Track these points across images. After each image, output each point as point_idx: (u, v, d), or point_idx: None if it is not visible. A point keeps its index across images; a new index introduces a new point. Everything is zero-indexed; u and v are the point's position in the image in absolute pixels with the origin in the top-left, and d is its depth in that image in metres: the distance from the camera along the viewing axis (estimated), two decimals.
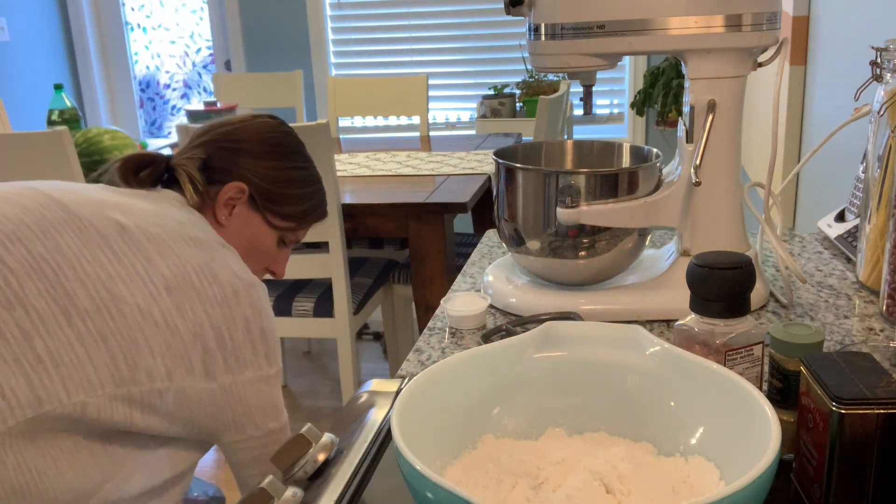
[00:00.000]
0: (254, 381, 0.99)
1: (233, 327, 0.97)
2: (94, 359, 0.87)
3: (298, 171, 1.19)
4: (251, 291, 1.00)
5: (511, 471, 0.57)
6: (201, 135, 1.16)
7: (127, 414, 0.90)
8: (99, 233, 0.93)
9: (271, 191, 1.14)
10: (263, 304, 1.02)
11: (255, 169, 1.13)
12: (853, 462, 0.54)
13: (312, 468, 0.65)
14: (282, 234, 1.19)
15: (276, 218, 1.16)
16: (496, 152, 1.03)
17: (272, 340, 1.02)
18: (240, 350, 0.98)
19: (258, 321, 1.00)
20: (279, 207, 1.16)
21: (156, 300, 0.92)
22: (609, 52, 0.93)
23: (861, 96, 1.03)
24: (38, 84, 3.96)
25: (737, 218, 0.99)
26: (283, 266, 1.26)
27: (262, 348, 1.00)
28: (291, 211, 1.18)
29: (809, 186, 1.92)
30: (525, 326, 0.95)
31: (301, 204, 1.19)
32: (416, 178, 2.42)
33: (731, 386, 0.57)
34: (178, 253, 0.96)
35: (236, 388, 0.98)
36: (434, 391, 0.60)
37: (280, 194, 1.15)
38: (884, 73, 0.94)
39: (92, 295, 0.89)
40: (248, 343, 0.98)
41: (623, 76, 3.80)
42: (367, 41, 3.96)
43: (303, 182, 1.19)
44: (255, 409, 1.00)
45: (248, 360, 0.98)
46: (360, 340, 3.34)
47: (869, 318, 0.95)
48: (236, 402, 0.98)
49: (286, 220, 1.18)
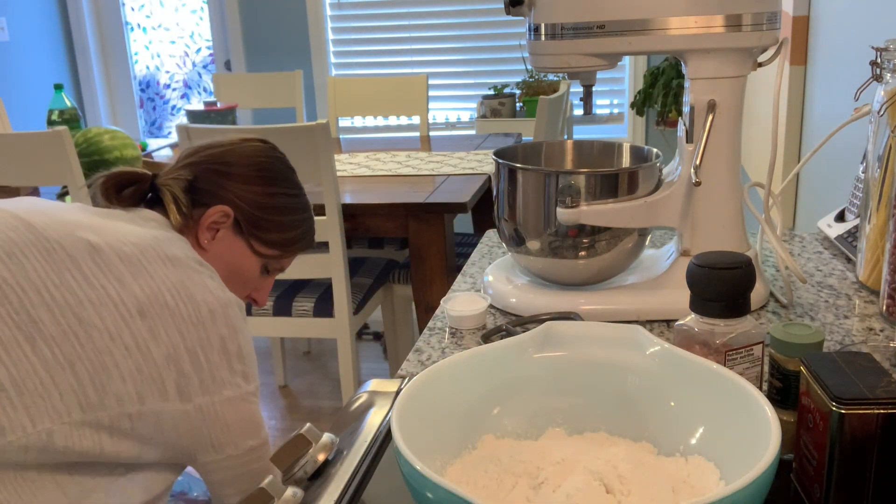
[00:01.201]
0: (231, 401, 0.97)
1: (208, 348, 0.95)
2: (59, 385, 0.85)
3: (287, 197, 1.16)
4: (227, 310, 0.98)
5: (511, 471, 0.57)
6: (189, 155, 1.13)
7: (95, 440, 0.88)
8: (68, 254, 0.91)
9: (257, 217, 1.12)
10: (240, 322, 1.00)
11: (241, 193, 1.10)
12: (853, 462, 0.54)
13: (312, 468, 0.65)
14: (266, 262, 1.17)
15: (260, 245, 1.14)
16: (496, 152, 1.03)
17: (249, 358, 1.00)
18: (216, 370, 0.96)
19: (234, 340, 0.98)
20: (265, 234, 1.13)
21: (127, 324, 0.90)
22: (609, 52, 0.93)
23: (861, 96, 1.03)
24: (38, 84, 3.96)
25: (737, 218, 0.99)
26: (266, 295, 1.23)
27: (239, 367, 0.98)
28: (277, 238, 1.15)
29: (809, 186, 1.92)
30: (525, 326, 0.95)
31: (287, 231, 1.16)
32: (416, 178, 2.42)
33: (731, 386, 0.57)
34: (151, 273, 0.94)
35: (213, 408, 0.96)
36: (434, 391, 0.60)
37: (266, 221, 1.13)
38: (884, 73, 0.94)
39: (58, 320, 0.86)
40: (224, 363, 0.97)
41: (623, 76, 3.80)
42: (367, 41, 3.96)
43: (291, 210, 1.16)
44: (233, 428, 0.98)
45: (225, 379, 0.97)
46: (360, 340, 3.34)
47: (869, 318, 0.95)
48: (213, 422, 0.96)
49: (271, 248, 1.15)
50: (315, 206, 2.11)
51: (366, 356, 3.20)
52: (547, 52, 0.95)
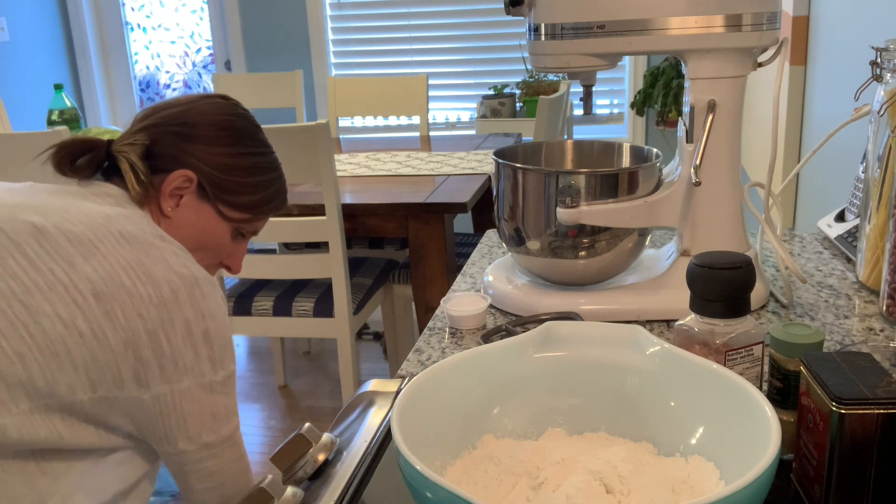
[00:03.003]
0: (192, 390, 0.91)
1: (171, 331, 0.89)
2: (7, 379, 0.81)
3: (254, 157, 1.08)
4: (193, 290, 0.91)
5: (511, 471, 0.57)
6: (144, 118, 1.05)
7: (51, 428, 0.85)
8: (10, 239, 0.85)
9: (223, 179, 1.04)
10: (208, 304, 0.93)
11: (204, 156, 1.03)
12: (853, 462, 0.54)
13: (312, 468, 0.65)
14: (237, 226, 1.09)
15: (229, 209, 1.06)
16: (496, 152, 1.03)
17: (219, 342, 0.93)
18: (179, 356, 0.89)
19: (201, 323, 0.91)
20: (232, 197, 1.06)
21: (81, 308, 0.85)
22: (609, 52, 0.93)
23: (861, 96, 1.03)
24: (38, 84, 3.96)
25: (737, 218, 0.99)
26: (240, 261, 1.15)
27: (206, 352, 0.91)
28: (246, 201, 1.07)
29: (809, 186, 1.92)
30: (525, 326, 0.95)
31: (257, 193, 1.08)
32: (416, 178, 2.42)
33: (731, 386, 0.57)
34: (105, 253, 0.88)
35: (170, 397, 0.90)
36: (434, 391, 0.60)
37: (233, 183, 1.05)
38: (884, 73, 0.94)
39: (5, 311, 0.82)
40: (188, 347, 0.90)
41: (623, 76, 3.80)
42: (367, 41, 3.96)
43: (259, 169, 1.08)
44: (189, 421, 0.92)
45: (188, 366, 0.90)
46: (360, 340, 3.34)
47: (869, 318, 0.95)
48: (169, 413, 0.90)
49: (241, 211, 1.07)
50: (315, 206, 2.13)
51: (366, 356, 3.20)
52: (547, 52, 0.95)
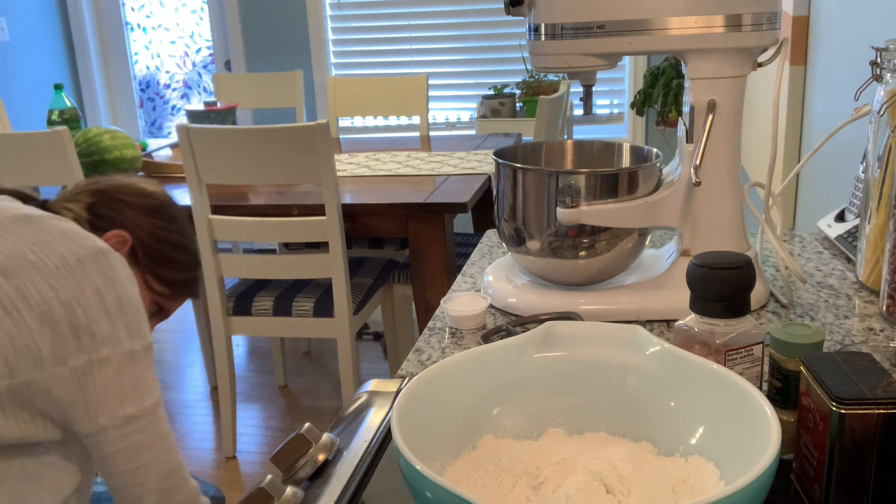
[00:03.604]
0: (111, 360, 0.91)
1: (83, 300, 0.90)
2: None
3: (181, 236, 1.16)
4: (99, 259, 0.93)
5: (511, 471, 0.57)
6: (86, 186, 1.12)
7: None
8: None
9: (155, 250, 1.11)
10: (118, 273, 0.95)
11: (139, 221, 1.10)
12: (853, 462, 0.54)
13: (312, 468, 0.65)
14: (157, 300, 1.15)
15: (155, 281, 1.13)
16: (496, 152, 1.03)
17: (133, 310, 0.94)
18: (95, 325, 0.90)
19: (112, 290, 0.92)
20: (161, 270, 1.13)
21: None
22: (609, 52, 0.93)
23: (861, 96, 1.03)
24: (38, 84, 3.96)
25: (737, 218, 0.99)
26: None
27: (121, 319, 0.92)
28: (171, 277, 1.15)
29: (809, 186, 1.92)
30: (525, 326, 0.95)
31: (181, 272, 1.16)
32: (416, 178, 2.42)
33: (731, 386, 0.57)
34: (5, 235, 0.90)
35: (89, 368, 0.90)
36: (434, 391, 0.60)
37: (164, 256, 1.13)
38: (884, 73, 0.94)
39: None
40: (103, 316, 0.91)
41: (623, 76, 3.80)
42: (367, 41, 3.96)
43: (185, 249, 1.17)
44: (110, 393, 0.91)
45: (106, 335, 0.91)
46: (360, 340, 3.34)
47: (869, 318, 0.95)
48: (88, 386, 0.90)
49: (164, 286, 1.14)
50: (315, 206, 2.13)
51: (366, 356, 3.20)
52: (547, 52, 0.95)
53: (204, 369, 3.15)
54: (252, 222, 2.15)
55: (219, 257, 2.22)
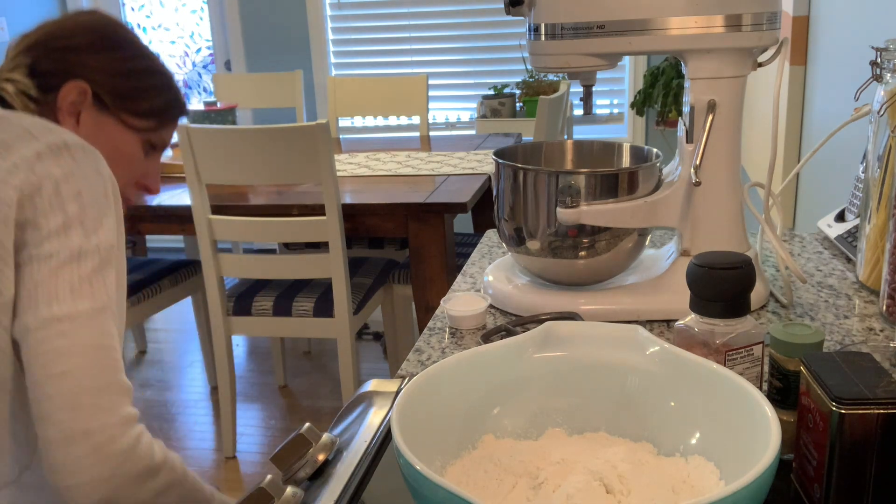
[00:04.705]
0: (54, 256, 0.83)
1: (37, 195, 0.83)
2: None
3: (143, 60, 1.03)
4: (60, 152, 0.86)
5: (511, 471, 0.57)
6: (18, 43, 0.99)
7: None
8: None
9: (119, 85, 1.00)
10: (80, 166, 0.87)
11: (93, 64, 0.98)
12: (853, 462, 0.54)
13: (312, 468, 0.65)
14: (145, 136, 1.05)
15: (132, 117, 1.02)
16: (496, 152, 1.03)
17: (94, 206, 0.86)
18: (44, 218, 0.83)
19: (72, 183, 0.85)
20: (133, 104, 1.01)
21: None
22: (609, 52, 0.93)
23: (861, 96, 1.03)
24: None
25: (737, 218, 0.99)
26: (157, 179, 1.10)
27: (77, 214, 0.85)
28: (148, 106, 1.03)
29: (809, 186, 1.92)
30: (525, 326, 0.95)
31: (157, 97, 1.04)
32: (415, 178, 2.42)
33: (731, 386, 0.57)
34: None
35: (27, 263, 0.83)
36: (434, 391, 0.60)
37: (131, 88, 1.01)
38: (884, 73, 0.94)
39: None
40: (56, 209, 0.84)
41: (623, 76, 3.80)
42: (367, 41, 3.96)
43: (152, 73, 1.04)
44: (41, 289, 0.82)
45: (52, 229, 0.83)
46: (360, 340, 3.34)
47: (869, 318, 0.95)
48: (24, 282, 0.82)
49: (145, 119, 1.03)
50: (315, 206, 2.13)
51: (366, 356, 3.20)
52: (547, 52, 0.95)
53: (204, 369, 3.15)
54: (252, 222, 2.15)
55: (219, 257, 2.22)
